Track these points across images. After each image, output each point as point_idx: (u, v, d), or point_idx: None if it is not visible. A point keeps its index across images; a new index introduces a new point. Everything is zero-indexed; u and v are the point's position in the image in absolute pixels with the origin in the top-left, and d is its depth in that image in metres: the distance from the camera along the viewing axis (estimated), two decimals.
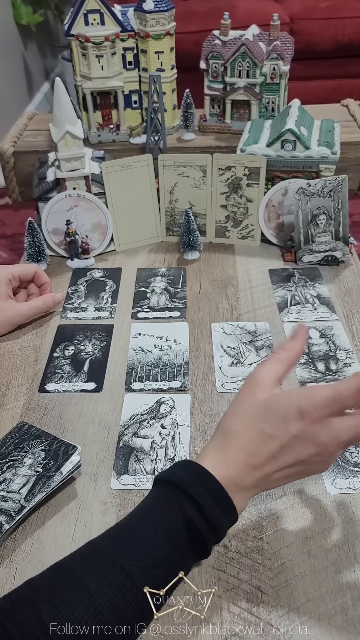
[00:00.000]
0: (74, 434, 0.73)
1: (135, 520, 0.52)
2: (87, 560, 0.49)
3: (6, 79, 2.53)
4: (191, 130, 1.27)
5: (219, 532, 0.53)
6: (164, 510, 0.52)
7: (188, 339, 0.87)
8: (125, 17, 1.17)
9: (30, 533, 0.62)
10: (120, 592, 0.47)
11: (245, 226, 1.08)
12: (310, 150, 1.03)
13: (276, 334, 0.88)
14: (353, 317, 0.91)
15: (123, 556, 0.49)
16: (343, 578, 0.57)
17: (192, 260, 1.06)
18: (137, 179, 1.06)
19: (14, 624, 0.44)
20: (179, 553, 0.51)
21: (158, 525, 0.51)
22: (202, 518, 0.51)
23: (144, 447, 0.70)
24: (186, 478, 0.53)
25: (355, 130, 1.28)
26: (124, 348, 0.86)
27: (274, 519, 0.62)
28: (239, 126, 1.23)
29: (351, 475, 0.66)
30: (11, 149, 1.26)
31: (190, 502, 0.51)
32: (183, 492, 0.52)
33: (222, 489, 0.53)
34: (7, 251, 2.01)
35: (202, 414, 0.75)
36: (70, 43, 1.17)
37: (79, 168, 1.02)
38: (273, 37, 1.18)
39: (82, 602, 0.46)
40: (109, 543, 0.51)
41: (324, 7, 2.49)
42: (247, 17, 2.11)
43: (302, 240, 1.01)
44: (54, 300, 0.92)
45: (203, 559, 0.55)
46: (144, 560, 0.49)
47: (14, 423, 0.72)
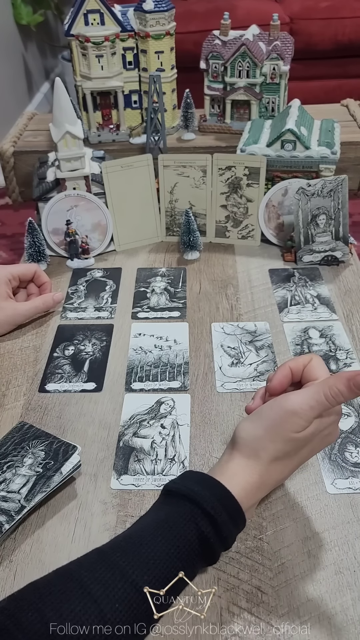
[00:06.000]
0: (74, 434, 0.73)
1: (147, 533, 0.52)
2: (97, 570, 0.48)
3: (6, 79, 2.53)
4: (191, 130, 1.27)
5: (229, 544, 0.54)
6: (177, 524, 0.51)
7: (188, 339, 0.87)
8: (125, 17, 1.17)
9: (30, 533, 0.62)
10: (130, 607, 0.46)
11: (245, 226, 1.08)
12: (310, 150, 1.03)
13: (276, 334, 0.88)
14: (353, 317, 0.91)
15: (135, 571, 0.48)
16: (343, 578, 0.57)
17: (192, 260, 1.06)
18: (137, 179, 1.06)
19: (20, 630, 0.43)
20: (189, 566, 0.51)
21: (171, 540, 0.50)
22: (216, 535, 0.52)
23: (144, 447, 0.70)
24: (201, 492, 0.53)
25: (355, 130, 1.28)
26: (124, 348, 0.86)
27: (274, 519, 0.62)
28: (239, 126, 1.23)
29: (351, 475, 0.66)
30: (11, 149, 1.26)
31: (206, 518, 0.51)
32: (199, 506, 0.52)
33: (237, 504, 0.53)
34: (7, 251, 2.01)
35: (202, 414, 0.75)
36: (70, 43, 1.17)
37: (79, 168, 1.02)
38: (273, 37, 1.18)
39: (90, 615, 0.45)
40: (120, 555, 0.49)
41: (324, 7, 2.48)
42: (247, 17, 2.11)
43: (302, 240, 1.01)
44: (54, 300, 0.92)
45: (210, 565, 0.56)
46: (156, 576, 0.48)
47: (14, 423, 0.72)
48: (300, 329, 0.88)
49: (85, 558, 0.50)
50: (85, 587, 0.46)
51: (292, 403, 0.55)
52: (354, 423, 0.73)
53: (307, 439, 0.56)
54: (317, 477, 0.66)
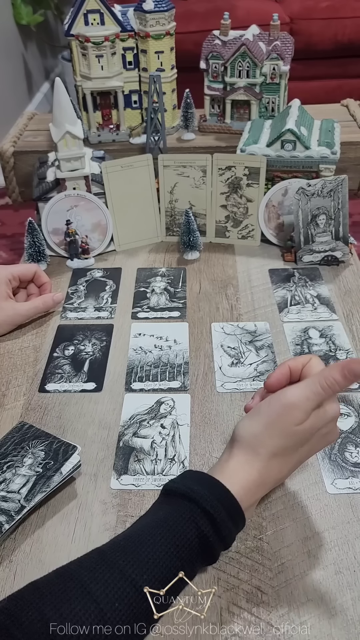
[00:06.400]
0: (74, 434, 0.73)
1: (146, 532, 0.52)
2: (97, 570, 0.48)
3: (6, 79, 2.53)
4: (191, 130, 1.27)
5: (229, 544, 0.54)
6: (177, 523, 0.52)
7: (188, 339, 0.87)
8: (125, 17, 1.17)
9: (30, 533, 0.62)
10: (129, 606, 0.46)
11: (245, 226, 1.08)
12: (310, 150, 1.03)
13: (276, 334, 0.88)
14: (353, 317, 0.91)
15: (134, 570, 0.48)
16: (343, 578, 0.57)
17: (192, 260, 1.06)
18: (137, 179, 1.06)
19: (20, 629, 0.43)
20: (189, 566, 0.51)
21: (171, 539, 0.50)
22: (215, 533, 0.52)
23: (144, 447, 0.70)
24: (201, 491, 0.53)
25: (355, 130, 1.28)
26: (124, 348, 0.86)
27: (274, 519, 0.62)
28: (239, 126, 1.23)
29: (351, 475, 0.66)
30: (11, 149, 1.26)
31: (205, 517, 0.52)
32: (198, 505, 0.52)
33: (237, 503, 0.53)
34: (7, 251, 2.01)
35: (202, 414, 0.75)
36: (70, 43, 1.17)
37: (79, 168, 1.02)
38: (273, 37, 1.18)
39: (90, 615, 0.45)
40: (120, 554, 0.50)
41: (324, 7, 2.48)
42: (247, 17, 2.11)
43: (302, 240, 1.01)
44: (54, 300, 0.92)
45: (210, 565, 0.56)
46: (155, 575, 0.48)
47: (14, 423, 0.72)
48: (300, 329, 0.88)
49: (85, 558, 0.50)
50: (85, 586, 0.46)
51: (289, 396, 0.56)
52: (354, 423, 0.73)
53: (305, 433, 0.56)
54: (317, 477, 0.66)
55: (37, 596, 0.46)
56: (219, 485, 0.54)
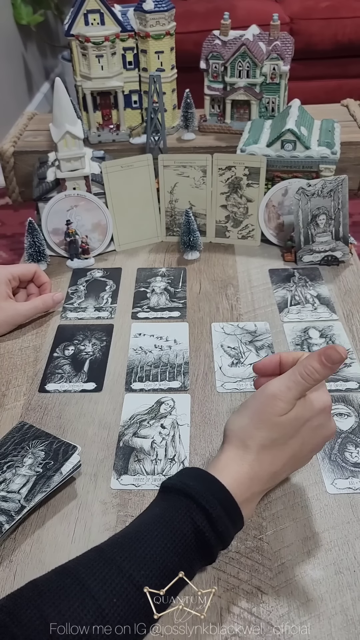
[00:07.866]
0: (74, 434, 0.73)
1: (144, 529, 0.52)
2: (95, 567, 0.48)
3: (6, 79, 2.53)
4: (191, 130, 1.27)
5: (227, 541, 0.54)
6: (173, 518, 0.52)
7: (188, 339, 0.87)
8: (125, 17, 1.17)
9: (30, 533, 0.62)
10: (127, 602, 0.46)
11: (245, 226, 1.08)
12: (310, 150, 1.03)
13: (276, 334, 0.88)
14: (353, 317, 0.91)
15: (132, 566, 0.48)
16: (343, 578, 0.57)
17: (192, 260, 1.06)
18: (137, 179, 1.06)
19: (18, 626, 0.44)
20: (187, 562, 0.51)
21: (167, 535, 0.51)
22: (211, 529, 0.51)
23: (144, 447, 0.70)
24: (196, 486, 0.53)
25: (355, 130, 1.28)
26: (124, 348, 0.86)
27: (274, 519, 0.62)
28: (239, 126, 1.23)
29: (351, 475, 0.66)
30: (11, 149, 1.26)
31: (201, 512, 0.52)
32: (194, 501, 0.52)
33: (232, 498, 0.53)
34: (7, 251, 2.01)
35: (202, 414, 0.75)
36: (70, 43, 1.17)
37: (79, 168, 1.02)
38: (273, 37, 1.18)
39: (89, 611, 0.45)
40: (117, 551, 0.50)
41: (324, 7, 2.49)
42: (247, 17, 2.11)
43: (302, 240, 1.01)
44: (54, 300, 0.92)
45: (208, 564, 0.56)
46: (152, 570, 0.49)
47: (14, 423, 0.72)
48: (300, 329, 0.88)
49: (84, 556, 0.51)
50: (83, 583, 0.47)
51: (271, 387, 0.57)
52: (354, 423, 0.73)
53: (291, 423, 0.56)
54: (317, 477, 0.66)
55: (35, 594, 0.46)
56: (213, 480, 0.54)
